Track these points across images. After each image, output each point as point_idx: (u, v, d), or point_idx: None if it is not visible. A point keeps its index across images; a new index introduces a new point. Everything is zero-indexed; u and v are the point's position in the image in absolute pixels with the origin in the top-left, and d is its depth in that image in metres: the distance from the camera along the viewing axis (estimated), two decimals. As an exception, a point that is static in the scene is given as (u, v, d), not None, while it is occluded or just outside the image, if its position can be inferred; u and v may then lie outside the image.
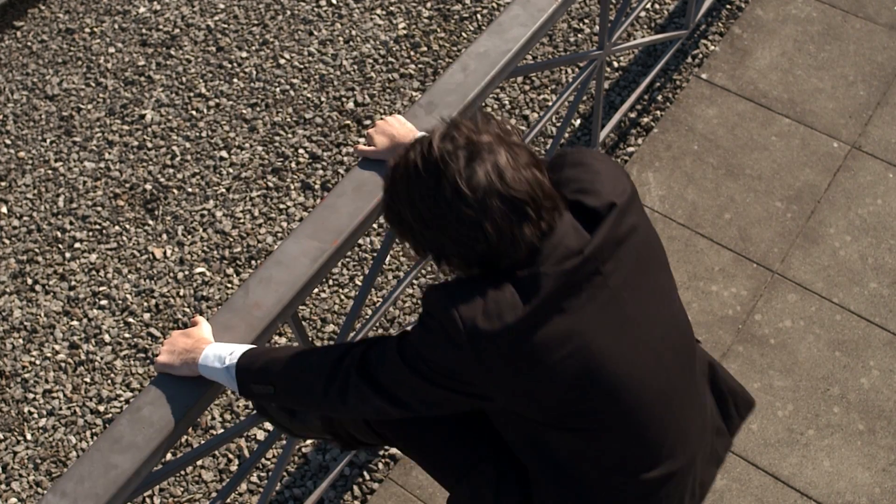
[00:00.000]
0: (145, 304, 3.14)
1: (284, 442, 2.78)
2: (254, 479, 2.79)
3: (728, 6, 3.70)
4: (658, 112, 3.43)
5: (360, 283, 3.08)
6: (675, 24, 3.69)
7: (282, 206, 3.30)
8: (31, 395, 3.00)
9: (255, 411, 2.34)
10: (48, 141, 3.57)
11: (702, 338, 2.87)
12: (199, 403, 1.70)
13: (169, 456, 2.84)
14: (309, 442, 2.81)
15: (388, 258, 3.14)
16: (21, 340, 3.11)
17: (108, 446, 1.68)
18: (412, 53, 3.67)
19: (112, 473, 1.66)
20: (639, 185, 3.20)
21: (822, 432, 2.68)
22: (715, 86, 3.45)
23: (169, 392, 1.71)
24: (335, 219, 1.91)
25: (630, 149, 3.34)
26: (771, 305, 2.91)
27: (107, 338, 3.08)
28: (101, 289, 3.19)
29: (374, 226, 3.22)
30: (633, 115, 3.43)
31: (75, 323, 3.13)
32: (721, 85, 3.45)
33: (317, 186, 3.33)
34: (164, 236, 3.28)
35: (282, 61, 3.70)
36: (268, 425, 2.87)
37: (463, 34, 3.72)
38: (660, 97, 3.47)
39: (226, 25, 3.84)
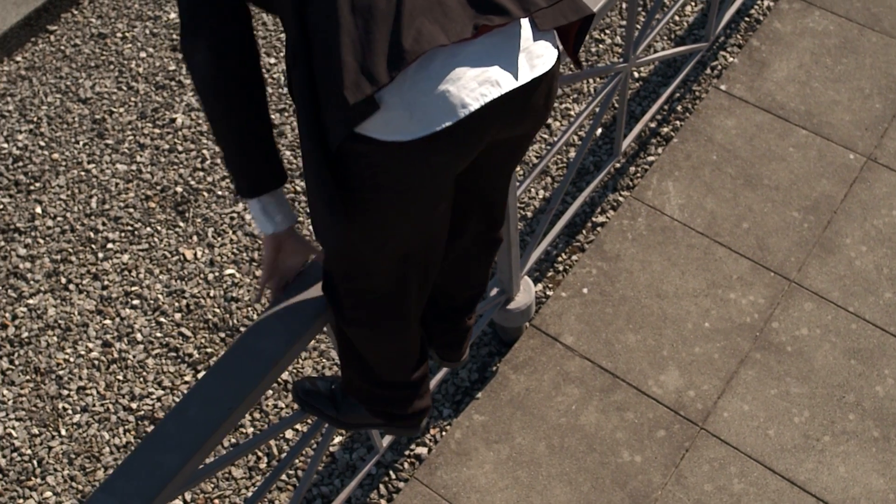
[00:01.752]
0: (176, 304, 3.23)
1: (316, 443, 2.86)
2: (282, 476, 2.87)
3: (747, 19, 3.77)
4: (678, 122, 3.51)
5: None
6: (695, 36, 3.76)
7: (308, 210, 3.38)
8: (65, 392, 3.09)
9: (290, 411, 2.42)
10: (81, 143, 3.66)
11: (720, 344, 2.95)
12: (244, 405, 1.78)
13: (200, 452, 2.92)
14: (336, 441, 2.89)
15: None
16: (55, 338, 3.20)
17: (155, 445, 1.76)
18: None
19: (158, 473, 1.74)
20: (659, 193, 3.27)
21: (837, 439, 2.75)
22: (733, 97, 3.52)
23: (214, 393, 1.79)
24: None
25: (650, 158, 3.41)
26: (788, 314, 2.98)
27: (139, 337, 3.17)
28: (133, 288, 3.27)
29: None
30: (653, 124, 3.51)
31: (108, 322, 3.21)
32: (739, 96, 3.52)
33: (344, 191, 3.42)
34: (195, 238, 3.37)
35: (309, 68, 3.78)
36: (299, 425, 2.95)
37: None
38: (679, 107, 3.54)
39: (255, 31, 3.92)
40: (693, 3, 3.86)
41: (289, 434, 2.95)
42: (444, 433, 2.88)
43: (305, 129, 1.50)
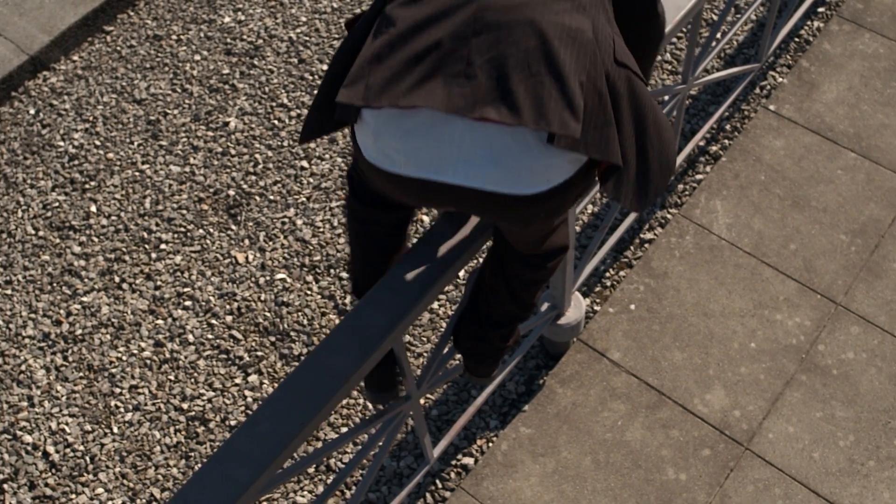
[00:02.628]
0: (227, 306, 3.28)
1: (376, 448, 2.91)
2: (330, 481, 2.92)
3: (796, 39, 3.79)
4: (726, 141, 3.53)
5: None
6: (744, 56, 3.78)
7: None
8: (117, 390, 3.15)
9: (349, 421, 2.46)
10: (136, 144, 3.72)
11: (766, 365, 2.97)
12: (315, 420, 1.83)
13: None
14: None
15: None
16: (108, 336, 3.26)
17: (228, 457, 1.81)
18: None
19: (230, 485, 1.78)
20: (706, 212, 3.30)
21: (882, 464, 2.77)
22: (782, 117, 3.54)
23: (285, 408, 1.84)
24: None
25: (699, 176, 3.44)
26: (834, 337, 3.01)
27: (190, 338, 3.22)
28: (185, 290, 3.33)
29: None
30: (701, 143, 3.53)
31: (160, 322, 3.27)
32: (788, 117, 3.54)
33: (394, 200, 3.46)
34: (247, 241, 3.42)
35: (361, 75, 3.82)
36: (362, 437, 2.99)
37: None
38: (728, 126, 3.57)
39: (307, 38, 3.97)
40: (743, 23, 3.88)
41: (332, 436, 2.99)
42: (490, 444, 2.92)
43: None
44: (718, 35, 3.36)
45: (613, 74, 1.55)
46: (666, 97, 2.94)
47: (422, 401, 3.02)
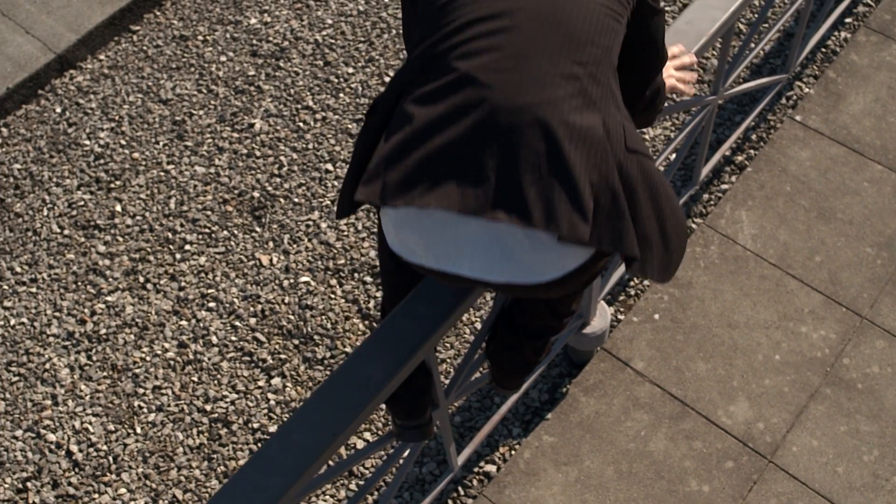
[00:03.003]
0: (251, 308, 3.29)
1: (402, 457, 2.91)
2: (352, 486, 2.93)
3: (823, 50, 3.78)
4: (752, 151, 3.52)
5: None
6: (771, 65, 3.77)
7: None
8: (141, 390, 3.16)
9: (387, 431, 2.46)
10: (161, 144, 3.73)
11: (790, 378, 2.97)
12: (349, 429, 1.83)
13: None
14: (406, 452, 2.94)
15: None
16: (132, 336, 3.27)
17: (259, 467, 1.81)
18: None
19: (262, 495, 1.79)
20: (732, 222, 3.30)
21: (906, 480, 2.77)
22: (808, 128, 3.53)
23: (318, 417, 1.84)
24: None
25: (724, 186, 3.43)
26: (859, 350, 3.00)
27: (214, 339, 3.23)
28: (209, 291, 3.34)
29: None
30: (727, 153, 3.52)
31: (184, 323, 3.28)
32: (814, 128, 3.53)
33: (418, 205, 3.46)
34: (271, 244, 3.43)
35: (387, 79, 3.83)
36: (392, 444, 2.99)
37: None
38: (754, 136, 3.56)
39: (333, 41, 3.98)
40: (765, 27, 3.87)
41: (359, 444, 3.00)
42: (513, 452, 2.92)
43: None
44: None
45: (626, 163, 1.59)
46: (696, 108, 2.94)
47: (445, 407, 3.02)
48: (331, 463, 2.98)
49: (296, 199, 3.53)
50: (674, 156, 3.53)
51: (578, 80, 1.53)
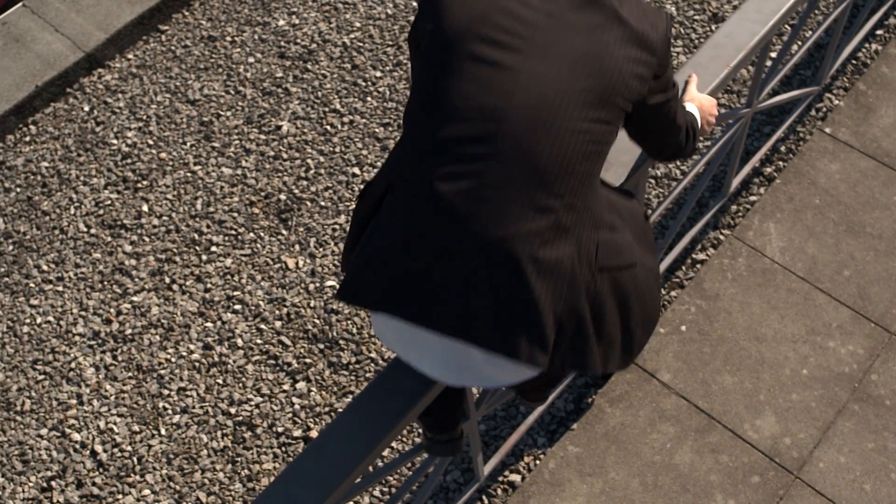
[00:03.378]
0: (277, 311, 3.29)
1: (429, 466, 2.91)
2: (376, 492, 2.93)
3: (854, 62, 3.76)
4: (781, 163, 3.51)
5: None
6: (801, 77, 3.76)
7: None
8: (165, 392, 3.16)
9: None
10: (188, 144, 3.73)
11: (818, 393, 2.95)
12: (384, 442, 1.83)
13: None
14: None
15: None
16: (158, 337, 3.27)
17: (294, 478, 1.81)
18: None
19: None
20: (760, 235, 3.28)
21: (935, 499, 2.75)
22: (838, 141, 3.51)
23: (353, 429, 1.84)
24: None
25: (752, 198, 3.42)
26: (888, 367, 2.98)
27: (239, 342, 3.23)
28: (234, 293, 3.34)
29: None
30: (756, 164, 3.51)
31: (209, 325, 3.28)
32: (844, 140, 3.51)
33: (445, 211, 3.46)
34: (297, 247, 3.43)
35: (414, 83, 3.82)
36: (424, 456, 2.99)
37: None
38: (783, 148, 3.54)
39: (361, 44, 3.98)
40: (799, 43, 3.86)
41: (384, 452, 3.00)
42: (538, 462, 2.92)
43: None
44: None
45: (597, 284, 1.67)
46: (730, 120, 2.92)
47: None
48: (355, 469, 2.98)
49: (322, 203, 3.53)
50: (704, 168, 3.52)
51: (553, 213, 1.57)
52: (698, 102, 2.13)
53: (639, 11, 1.63)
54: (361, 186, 3.55)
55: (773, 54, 3.86)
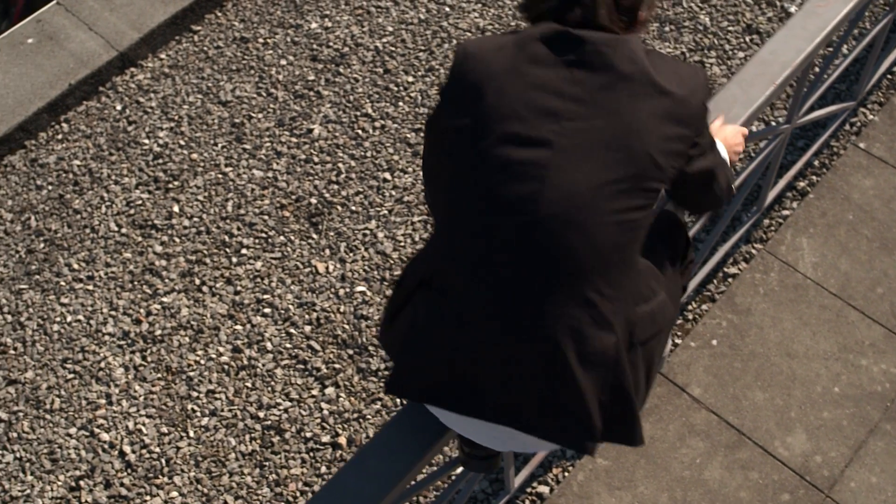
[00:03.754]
0: (307, 316, 3.29)
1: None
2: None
3: (889, 77, 3.73)
4: (814, 177, 3.49)
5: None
6: (835, 90, 3.74)
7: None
8: (194, 394, 3.17)
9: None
10: (219, 145, 3.74)
11: (849, 411, 2.94)
12: (425, 458, 1.83)
13: (326, 469, 2.97)
14: (459, 471, 2.94)
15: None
16: (187, 339, 3.28)
17: (337, 493, 1.81)
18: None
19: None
20: (792, 249, 3.27)
21: (967, 522, 2.73)
22: (873, 156, 3.49)
23: (395, 444, 1.84)
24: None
25: (785, 212, 3.40)
26: (920, 387, 2.97)
27: (269, 346, 3.24)
28: (264, 296, 3.35)
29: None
30: (790, 178, 3.49)
31: (239, 328, 3.29)
32: (879, 156, 3.49)
33: (476, 218, 3.45)
34: (327, 251, 3.43)
35: (446, 89, 3.81)
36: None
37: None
38: (816, 162, 3.53)
39: (393, 48, 3.97)
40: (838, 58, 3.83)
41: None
42: (566, 474, 2.91)
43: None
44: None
45: (635, 361, 1.71)
46: (769, 136, 2.91)
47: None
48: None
49: (353, 208, 3.53)
50: (741, 184, 3.51)
51: (593, 307, 1.59)
52: (722, 137, 2.12)
53: (675, 77, 1.61)
54: (393, 192, 3.55)
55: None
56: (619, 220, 1.56)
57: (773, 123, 3.59)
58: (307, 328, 3.27)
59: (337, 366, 3.18)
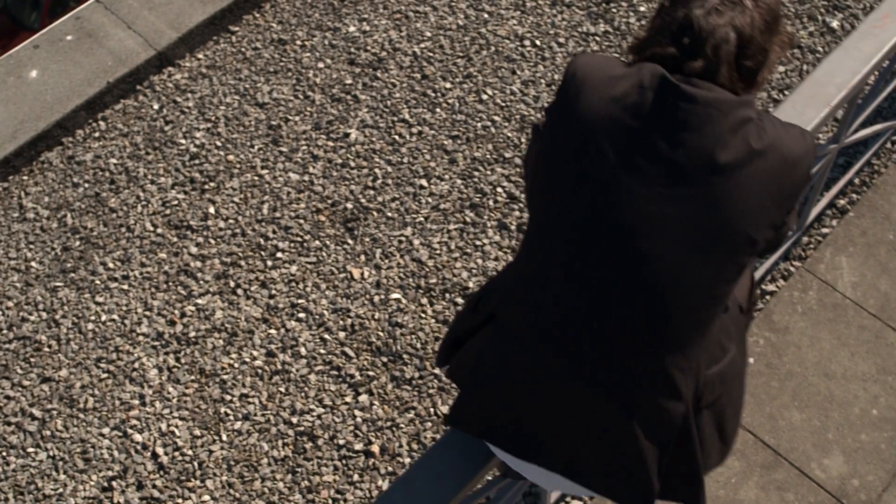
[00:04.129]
0: (341, 322, 3.29)
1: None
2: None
3: (932, 93, 3.71)
4: (854, 195, 3.46)
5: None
6: (878, 108, 3.70)
7: (478, 242, 3.42)
8: (228, 397, 3.17)
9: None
10: (256, 148, 3.73)
11: (888, 434, 2.91)
12: (473, 480, 1.82)
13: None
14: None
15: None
16: (221, 342, 3.28)
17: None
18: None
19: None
20: (831, 268, 3.24)
21: None
22: (914, 175, 3.47)
23: (443, 466, 1.83)
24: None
25: (824, 230, 3.38)
26: (960, 412, 2.94)
27: (303, 351, 3.23)
28: (299, 301, 3.34)
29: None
30: (832, 196, 3.47)
31: (273, 332, 3.29)
32: (920, 175, 3.46)
33: (513, 227, 3.44)
34: (363, 257, 3.42)
35: (484, 97, 3.80)
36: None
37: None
38: (857, 180, 3.50)
39: (431, 54, 3.96)
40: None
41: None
42: (600, 489, 2.89)
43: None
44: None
45: (701, 423, 1.72)
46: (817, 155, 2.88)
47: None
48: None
49: (389, 214, 3.52)
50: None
51: (670, 379, 1.58)
52: None
53: (783, 146, 1.53)
54: (429, 199, 3.54)
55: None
56: (710, 294, 1.54)
57: (821, 143, 3.56)
58: (341, 334, 3.26)
59: (371, 373, 3.17)
